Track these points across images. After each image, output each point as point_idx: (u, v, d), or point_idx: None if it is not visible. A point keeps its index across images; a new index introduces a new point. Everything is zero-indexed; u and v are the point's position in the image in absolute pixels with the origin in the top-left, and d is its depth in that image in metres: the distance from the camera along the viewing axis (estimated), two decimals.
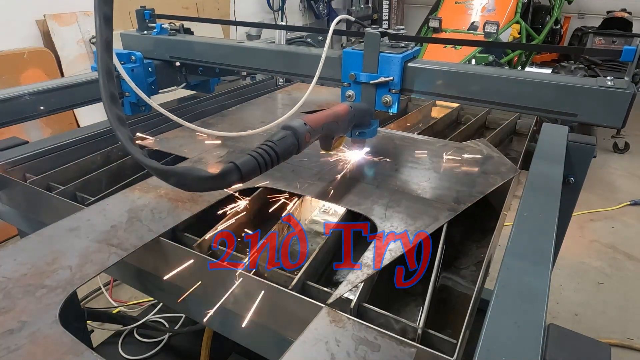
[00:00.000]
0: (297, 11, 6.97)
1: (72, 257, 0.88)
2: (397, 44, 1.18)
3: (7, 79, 3.24)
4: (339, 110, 1.05)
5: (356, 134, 1.22)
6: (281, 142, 0.84)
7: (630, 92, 0.97)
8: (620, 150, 5.20)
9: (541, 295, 0.73)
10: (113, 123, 0.78)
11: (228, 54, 1.49)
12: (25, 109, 1.33)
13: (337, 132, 1.03)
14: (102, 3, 0.81)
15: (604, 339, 2.58)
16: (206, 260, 0.90)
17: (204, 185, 0.76)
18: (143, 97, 1.15)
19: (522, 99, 1.08)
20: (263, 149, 0.82)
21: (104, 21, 0.81)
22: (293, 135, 0.86)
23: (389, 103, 1.18)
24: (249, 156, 0.80)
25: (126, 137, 0.77)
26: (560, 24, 6.43)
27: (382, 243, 0.94)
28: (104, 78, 0.80)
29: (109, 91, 0.80)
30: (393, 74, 1.14)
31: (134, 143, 0.77)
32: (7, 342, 0.68)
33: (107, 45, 0.82)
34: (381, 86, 1.17)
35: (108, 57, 0.82)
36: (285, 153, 0.85)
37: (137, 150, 0.76)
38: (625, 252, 3.40)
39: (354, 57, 1.18)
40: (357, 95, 1.21)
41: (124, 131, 0.78)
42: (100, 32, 0.81)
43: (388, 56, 1.14)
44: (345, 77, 1.20)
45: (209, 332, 1.83)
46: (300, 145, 0.88)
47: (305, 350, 0.70)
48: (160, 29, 1.62)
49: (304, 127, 0.89)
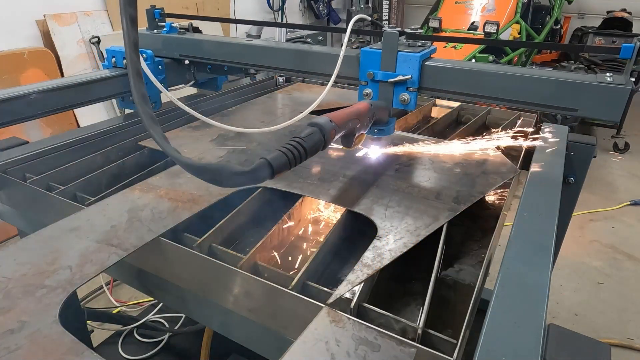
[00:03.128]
0: (297, 11, 6.97)
1: (72, 257, 0.88)
2: (414, 43, 1.19)
3: (7, 79, 3.24)
4: (360, 107, 1.06)
5: (374, 132, 1.25)
6: (309, 139, 0.86)
7: (629, 88, 0.99)
8: (620, 150, 5.20)
9: (541, 295, 0.73)
10: (146, 122, 0.78)
11: (237, 52, 1.51)
12: (25, 109, 1.33)
13: (358, 130, 1.05)
14: (127, 4, 0.81)
15: (604, 339, 2.58)
16: (206, 260, 0.90)
17: (237, 181, 0.77)
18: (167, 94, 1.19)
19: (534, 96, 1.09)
20: (292, 144, 0.83)
21: (130, 22, 0.81)
22: (320, 132, 0.88)
23: (407, 101, 1.19)
24: (279, 152, 0.81)
25: (160, 135, 0.78)
26: (560, 24, 6.43)
27: (382, 243, 0.94)
28: (135, 79, 0.81)
29: (140, 91, 0.80)
30: (411, 73, 1.15)
31: (167, 141, 0.78)
32: (7, 342, 0.68)
33: (134, 46, 0.82)
34: (399, 84, 1.18)
35: (136, 57, 0.82)
36: (313, 149, 0.87)
37: (171, 148, 0.77)
38: (625, 252, 3.40)
39: (372, 55, 1.19)
40: (375, 94, 1.23)
41: (157, 130, 0.78)
42: (128, 33, 0.81)
43: (406, 55, 1.15)
44: (363, 75, 1.21)
45: (209, 332, 1.83)
46: (326, 142, 0.90)
47: (305, 350, 0.70)
48: (169, 28, 1.64)
49: (330, 124, 0.91)
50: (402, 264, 0.98)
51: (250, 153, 1.38)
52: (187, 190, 1.14)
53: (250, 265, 0.92)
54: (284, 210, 1.10)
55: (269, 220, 1.17)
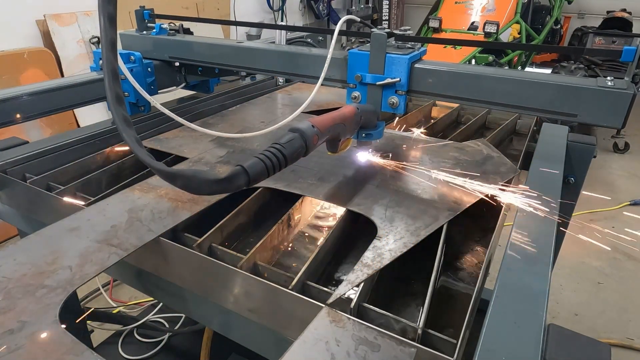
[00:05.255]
0: (297, 11, 6.97)
1: (72, 257, 0.88)
2: (403, 45, 1.16)
3: (7, 79, 3.24)
4: (346, 112, 1.04)
5: (362, 136, 1.21)
6: (289, 145, 0.83)
7: (630, 93, 0.97)
8: (620, 150, 5.20)
9: (541, 295, 0.73)
10: (119, 124, 0.77)
11: (228, 54, 1.49)
12: (25, 109, 1.33)
13: (344, 134, 1.02)
14: (106, 3, 0.79)
15: (604, 339, 2.58)
16: (206, 260, 0.90)
17: (211, 188, 0.75)
18: (146, 96, 1.15)
19: (529, 100, 1.08)
20: (271, 151, 0.81)
21: (108, 21, 0.80)
22: (301, 138, 0.85)
23: (396, 104, 1.16)
24: (256, 159, 0.79)
25: (132, 138, 0.76)
26: (560, 24, 6.43)
27: (382, 243, 0.94)
28: (110, 78, 0.78)
29: (114, 92, 0.78)
30: (400, 75, 1.13)
31: (141, 145, 0.76)
32: (7, 342, 0.68)
33: (112, 45, 0.80)
34: (387, 87, 1.16)
35: (113, 57, 0.80)
36: (293, 156, 0.84)
37: (143, 152, 0.75)
38: (625, 252, 3.40)
39: (360, 58, 1.17)
40: (363, 97, 1.20)
41: (130, 132, 0.77)
42: (105, 33, 0.80)
43: (395, 57, 1.12)
44: (351, 78, 1.19)
45: (209, 332, 1.83)
46: (308, 148, 0.87)
47: (305, 350, 0.70)
48: (159, 29, 1.61)
49: (312, 130, 0.88)
50: (402, 264, 0.98)
51: (250, 153, 1.38)
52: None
53: (250, 265, 0.92)
54: (284, 210, 1.10)
55: (269, 220, 1.17)
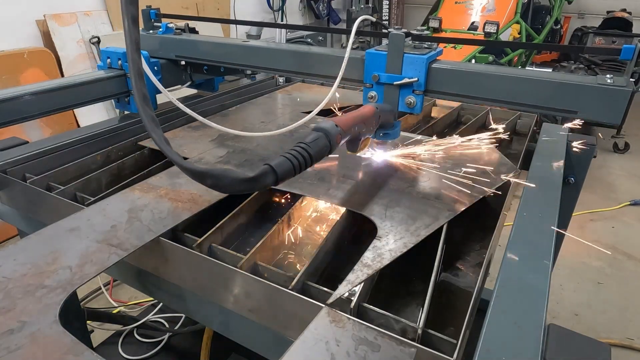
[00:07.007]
0: (297, 11, 6.96)
1: (72, 257, 0.88)
2: (420, 45, 1.16)
3: (7, 79, 3.24)
4: (366, 111, 1.04)
5: (380, 135, 1.22)
6: (314, 144, 0.84)
7: (629, 90, 0.98)
8: (620, 150, 5.20)
9: (541, 295, 0.73)
10: (147, 124, 0.76)
11: (235, 53, 1.49)
12: (25, 109, 1.33)
13: (364, 134, 1.03)
14: (129, 4, 0.79)
15: (604, 339, 2.58)
16: (206, 260, 0.90)
17: (240, 187, 0.76)
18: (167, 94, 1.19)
19: (532, 99, 1.09)
20: (297, 150, 0.82)
21: (131, 22, 0.80)
22: (325, 137, 0.86)
23: (413, 104, 1.16)
24: (283, 158, 0.80)
25: (161, 138, 0.76)
26: (560, 24, 6.43)
27: (382, 243, 0.94)
28: (136, 79, 0.78)
29: (141, 92, 0.78)
30: (417, 75, 1.12)
31: (169, 144, 0.76)
32: (7, 342, 0.68)
33: (136, 46, 0.80)
34: (405, 87, 1.15)
35: (138, 57, 0.80)
36: (318, 154, 0.85)
37: (172, 152, 0.75)
38: (625, 252, 3.40)
39: (377, 58, 1.16)
40: (380, 97, 1.20)
41: (158, 132, 0.77)
42: (130, 33, 0.79)
43: (413, 57, 1.12)
44: (368, 78, 1.19)
45: (209, 332, 1.83)
46: (332, 147, 0.87)
47: (305, 350, 0.70)
48: (165, 29, 1.63)
49: (336, 129, 0.89)
50: (402, 264, 0.98)
51: (250, 153, 1.38)
52: (187, 190, 1.14)
53: (250, 265, 0.92)
54: (284, 210, 1.10)
55: (269, 220, 1.17)
